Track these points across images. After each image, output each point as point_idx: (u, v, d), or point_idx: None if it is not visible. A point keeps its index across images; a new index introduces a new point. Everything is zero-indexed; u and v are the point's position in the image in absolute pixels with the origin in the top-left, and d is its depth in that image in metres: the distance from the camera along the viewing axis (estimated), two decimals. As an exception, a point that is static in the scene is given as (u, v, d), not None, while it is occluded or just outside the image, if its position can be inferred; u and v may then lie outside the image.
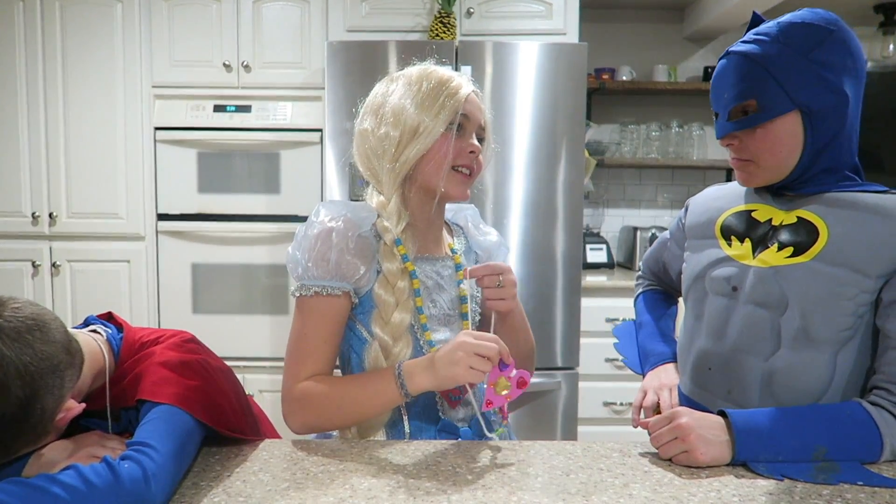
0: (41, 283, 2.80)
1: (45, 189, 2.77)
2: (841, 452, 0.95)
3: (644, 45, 3.39)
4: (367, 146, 1.11)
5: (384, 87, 1.13)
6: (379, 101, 1.11)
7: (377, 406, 1.03)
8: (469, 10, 2.73)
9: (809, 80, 1.01)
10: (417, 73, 1.11)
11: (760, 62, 1.02)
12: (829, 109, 1.02)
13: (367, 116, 1.12)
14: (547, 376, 2.58)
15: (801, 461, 0.94)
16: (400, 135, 1.07)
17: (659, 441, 0.98)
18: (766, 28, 1.05)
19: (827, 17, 1.04)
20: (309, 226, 1.06)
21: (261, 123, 2.75)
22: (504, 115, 2.52)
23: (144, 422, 0.89)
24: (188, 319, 2.80)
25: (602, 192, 3.44)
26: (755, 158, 1.06)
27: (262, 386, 2.80)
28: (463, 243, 1.24)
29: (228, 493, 0.86)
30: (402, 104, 1.07)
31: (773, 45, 1.02)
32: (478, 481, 0.89)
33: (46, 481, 0.75)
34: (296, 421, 1.05)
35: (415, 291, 1.09)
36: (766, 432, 0.95)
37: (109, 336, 1.01)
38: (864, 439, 0.95)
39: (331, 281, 1.04)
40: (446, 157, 1.08)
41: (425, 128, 1.06)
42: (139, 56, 2.74)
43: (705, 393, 1.13)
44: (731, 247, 1.12)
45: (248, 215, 2.78)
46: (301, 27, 2.75)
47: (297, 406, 1.04)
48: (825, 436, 0.95)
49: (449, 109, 1.07)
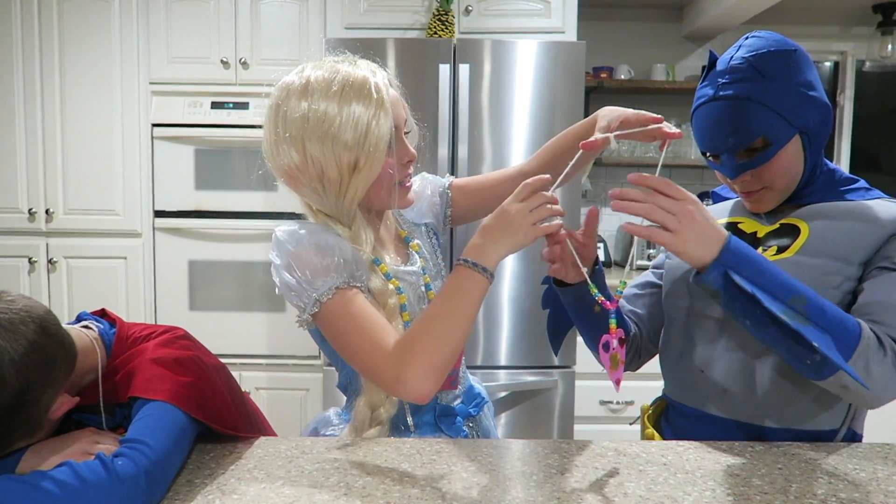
0: (38, 279, 2.79)
1: (42, 185, 2.76)
2: (818, 316, 0.92)
3: (642, 44, 3.38)
4: (300, 180, 1.02)
5: (296, 104, 0.99)
6: (297, 127, 0.99)
7: (470, 308, 0.93)
8: (468, 7, 2.72)
9: (801, 104, 1.04)
10: (333, 90, 0.98)
11: (756, 99, 1.03)
12: (820, 125, 1.07)
13: (288, 147, 1.00)
14: (544, 374, 2.58)
15: (777, 299, 0.92)
16: (339, 175, 0.99)
17: (652, 207, 0.92)
18: (736, 65, 1.05)
19: (779, 38, 1.06)
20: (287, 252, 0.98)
21: (258, 120, 2.73)
22: (502, 114, 2.51)
23: (138, 419, 0.89)
24: (185, 316, 2.79)
25: (599, 190, 3.44)
26: (770, 185, 1.09)
27: (258, 383, 2.80)
28: (410, 223, 1.20)
29: (223, 491, 0.86)
30: (331, 137, 0.97)
31: (758, 80, 1.03)
32: (472, 479, 0.89)
33: (39, 477, 0.75)
34: (414, 375, 0.90)
35: (402, 307, 1.06)
36: (759, 258, 0.94)
37: (102, 331, 1.01)
38: (843, 327, 0.93)
39: (339, 277, 0.97)
40: (392, 177, 1.04)
41: (366, 161, 0.98)
42: (136, 52, 2.73)
43: (698, 395, 1.13)
44: None
45: (246, 212, 2.77)
46: (299, 24, 2.74)
47: (408, 359, 0.90)
48: (811, 293, 0.94)
49: (384, 132, 0.99)
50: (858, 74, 3.49)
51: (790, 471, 0.94)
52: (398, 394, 0.95)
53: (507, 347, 2.59)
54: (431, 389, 0.91)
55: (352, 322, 0.96)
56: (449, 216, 1.26)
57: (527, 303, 2.56)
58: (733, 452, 1.01)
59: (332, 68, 1.02)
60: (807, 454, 1.00)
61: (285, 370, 2.79)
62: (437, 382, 0.92)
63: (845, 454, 1.00)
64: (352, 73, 1.01)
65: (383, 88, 1.01)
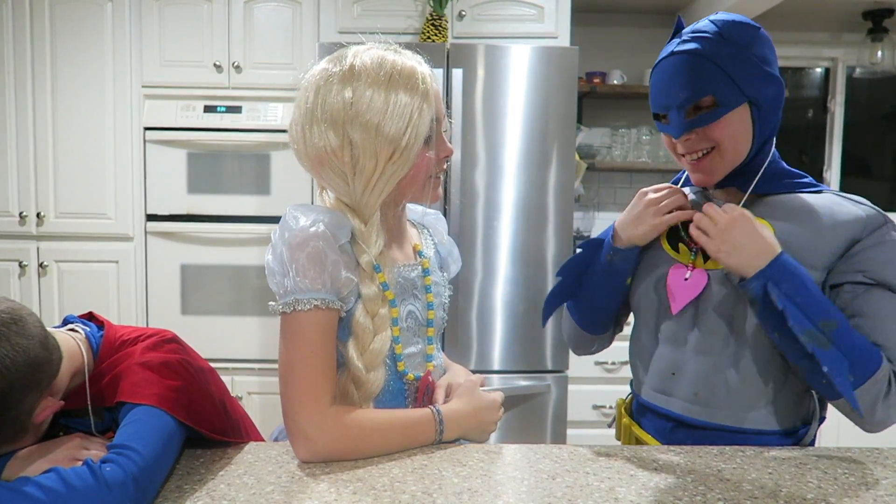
0: (28, 283, 2.77)
1: (33, 188, 2.74)
2: (842, 341, 0.98)
3: (635, 50, 3.40)
4: (330, 164, 0.99)
5: (340, 87, 0.97)
6: (338, 110, 0.96)
7: (408, 445, 1.00)
8: (461, 12, 2.73)
9: (754, 73, 1.05)
10: (381, 77, 0.96)
11: (711, 58, 1.04)
12: (772, 100, 1.08)
13: (325, 129, 0.97)
14: (536, 379, 2.58)
15: (808, 318, 0.98)
16: (376, 159, 0.96)
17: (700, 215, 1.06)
18: (702, 26, 1.08)
19: (746, 18, 1.08)
20: (288, 231, 0.95)
21: (251, 124, 2.74)
22: (495, 118, 2.52)
23: (125, 424, 0.88)
24: (177, 321, 2.78)
25: (592, 195, 3.45)
26: (718, 145, 1.08)
27: (250, 388, 2.79)
28: (431, 246, 1.18)
29: (212, 497, 0.85)
30: (374, 122, 0.95)
31: (718, 42, 1.05)
32: (463, 485, 0.89)
33: (25, 484, 0.74)
34: (326, 448, 0.94)
35: (393, 321, 1.03)
36: (806, 278, 1.01)
37: (89, 334, 1.00)
38: (864, 356, 0.99)
39: (326, 293, 0.95)
40: (428, 170, 1.02)
41: (403, 153, 0.97)
42: (129, 55, 2.72)
43: (670, 398, 1.14)
44: (679, 253, 1.15)
45: (238, 216, 2.76)
46: (292, 28, 2.74)
47: (334, 434, 0.94)
48: (844, 320, 1.00)
49: (425, 124, 0.98)
50: (849, 81, 3.52)
51: (780, 475, 0.94)
52: (293, 442, 0.96)
53: (501, 352, 2.59)
54: (317, 461, 0.95)
55: (304, 349, 0.95)
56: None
57: (520, 307, 2.56)
58: (723, 457, 1.01)
59: (378, 55, 0.99)
60: (797, 458, 1.00)
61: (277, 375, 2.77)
62: (326, 461, 0.96)
63: (835, 458, 1.01)
64: (398, 60, 0.99)
65: (429, 79, 1.00)
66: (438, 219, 1.24)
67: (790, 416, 1.10)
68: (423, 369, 1.10)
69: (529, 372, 2.59)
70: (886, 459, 1.01)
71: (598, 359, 2.78)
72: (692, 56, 1.05)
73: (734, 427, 1.09)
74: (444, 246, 1.21)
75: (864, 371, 0.98)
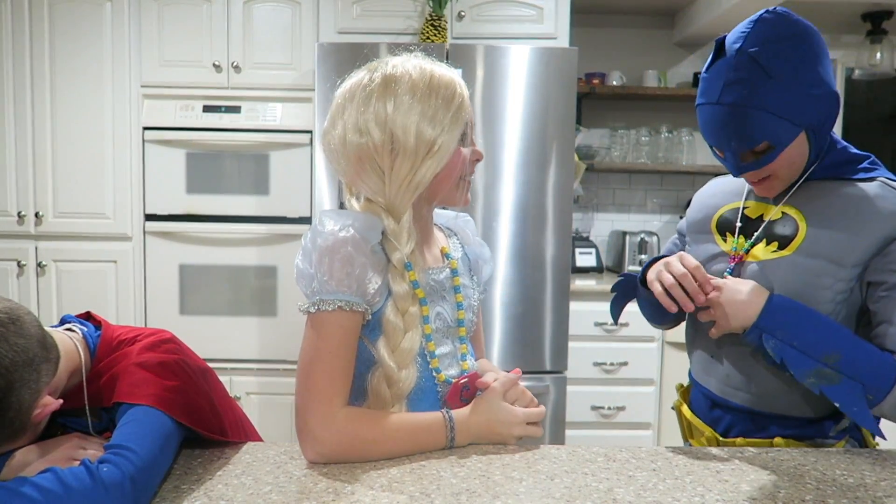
0: (26, 283, 2.77)
1: (32, 188, 2.74)
2: (851, 369, 0.99)
3: (634, 51, 3.40)
4: (370, 161, 1.01)
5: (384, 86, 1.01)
6: (381, 108, 1.00)
7: (417, 450, 1.00)
8: (460, 13, 2.73)
9: (806, 103, 1.03)
10: (423, 87, 1.01)
11: (759, 107, 1.01)
12: (825, 117, 1.07)
13: (371, 125, 1.00)
14: (535, 380, 2.58)
15: (811, 358, 1.00)
16: (414, 156, 1.00)
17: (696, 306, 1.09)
18: (742, 62, 1.02)
19: (792, 22, 1.03)
20: (319, 236, 0.97)
21: (250, 124, 2.74)
22: (494, 119, 2.52)
23: (122, 424, 0.88)
24: (175, 321, 2.78)
25: (591, 196, 3.45)
26: (774, 174, 1.11)
27: (249, 388, 2.79)
28: (459, 249, 1.19)
29: (210, 497, 0.85)
30: (414, 120, 0.99)
31: (762, 83, 1.01)
32: (462, 485, 0.89)
33: (22, 484, 0.74)
34: (333, 450, 0.95)
35: (424, 318, 1.04)
36: (797, 316, 1.03)
37: (86, 334, 1.00)
38: (877, 373, 1.00)
39: (351, 296, 0.96)
40: (461, 170, 1.06)
41: (442, 144, 1.00)
42: (128, 55, 2.72)
43: (710, 378, 1.21)
44: (725, 242, 1.19)
45: (237, 216, 2.76)
46: (292, 28, 2.74)
47: (342, 436, 0.95)
48: (847, 347, 1.01)
49: (461, 122, 1.03)
50: (848, 82, 3.52)
51: (779, 476, 0.94)
52: (302, 442, 0.96)
53: (499, 352, 2.59)
54: (323, 462, 0.96)
55: (323, 349, 0.96)
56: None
57: (519, 308, 2.56)
58: (722, 458, 1.01)
59: (417, 63, 1.04)
60: (795, 460, 1.00)
61: (276, 375, 2.78)
62: (333, 462, 0.96)
63: (834, 460, 1.01)
64: (437, 68, 1.05)
65: (465, 87, 1.06)
66: (467, 222, 1.25)
67: (821, 404, 1.11)
68: (457, 369, 1.10)
69: (528, 373, 2.58)
70: (885, 461, 1.01)
71: (597, 359, 2.78)
72: (740, 108, 1.02)
73: (763, 411, 1.14)
74: (473, 248, 1.22)
75: (882, 385, 1.00)
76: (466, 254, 1.20)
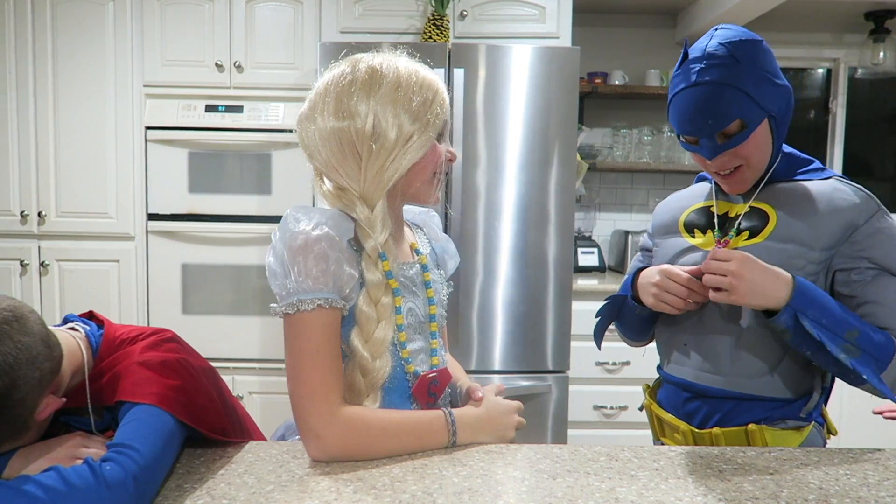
0: (29, 282, 2.78)
1: (35, 188, 2.75)
2: (866, 343, 1.07)
3: (637, 50, 3.40)
4: (342, 147, 1.02)
5: (367, 71, 1.02)
6: (366, 88, 1.01)
7: (419, 447, 1.01)
8: (462, 12, 2.73)
9: (768, 89, 1.13)
10: (406, 78, 1.03)
11: (733, 84, 1.11)
12: (785, 108, 1.17)
13: (354, 106, 1.01)
14: (537, 379, 2.58)
15: (837, 335, 1.06)
16: (394, 144, 1.01)
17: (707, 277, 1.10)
18: (714, 50, 1.13)
19: (746, 30, 1.15)
20: (290, 237, 0.97)
21: (252, 124, 2.74)
22: (496, 119, 2.52)
23: (125, 423, 0.88)
24: (178, 320, 2.78)
25: (594, 195, 3.45)
26: (747, 161, 1.17)
27: (251, 388, 2.79)
28: (427, 244, 1.20)
29: (212, 496, 0.85)
30: (397, 111, 1.01)
31: (734, 66, 1.11)
32: (464, 484, 0.89)
33: (25, 482, 0.74)
34: (336, 447, 0.95)
35: (396, 309, 1.04)
36: (820, 296, 1.08)
37: (88, 333, 1.00)
38: (881, 347, 1.08)
39: (329, 293, 0.96)
40: (435, 165, 1.07)
41: (420, 137, 1.02)
42: (130, 55, 2.72)
43: (683, 368, 1.24)
44: (694, 238, 1.26)
45: (239, 216, 2.76)
46: (294, 27, 2.74)
47: (344, 433, 0.95)
48: (859, 323, 1.08)
49: (440, 119, 1.05)
50: (851, 81, 3.52)
51: (781, 476, 0.94)
52: (305, 442, 0.96)
53: (501, 352, 2.59)
54: (328, 461, 0.96)
55: (309, 350, 0.96)
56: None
57: (521, 307, 2.56)
58: (724, 458, 1.01)
59: (403, 61, 1.06)
60: (798, 459, 1.00)
61: (278, 374, 2.78)
62: (337, 460, 0.96)
63: (836, 460, 1.01)
64: (421, 69, 1.07)
65: (444, 88, 1.09)
66: (431, 216, 1.26)
67: (794, 385, 1.17)
68: (428, 365, 1.10)
69: (530, 372, 2.59)
70: (888, 461, 1.01)
71: (599, 359, 2.78)
72: (716, 86, 1.11)
73: (739, 393, 1.17)
74: (440, 243, 1.23)
75: (884, 358, 1.08)
76: (434, 249, 1.22)
